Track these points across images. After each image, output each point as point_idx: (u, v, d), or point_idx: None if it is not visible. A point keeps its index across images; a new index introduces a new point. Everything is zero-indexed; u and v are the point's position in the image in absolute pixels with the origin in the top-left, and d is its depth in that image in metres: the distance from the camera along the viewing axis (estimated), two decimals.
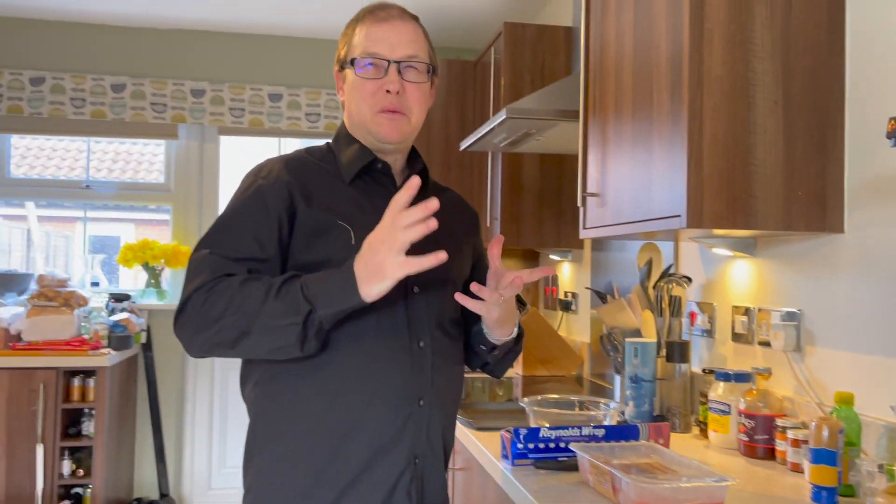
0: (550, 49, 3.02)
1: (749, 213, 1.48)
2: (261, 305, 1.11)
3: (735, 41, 1.48)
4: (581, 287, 3.00)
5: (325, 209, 1.24)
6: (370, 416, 1.21)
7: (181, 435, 4.00)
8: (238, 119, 4.01)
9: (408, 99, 1.29)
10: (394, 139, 1.29)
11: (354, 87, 1.30)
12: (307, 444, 1.21)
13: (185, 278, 1.19)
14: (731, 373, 1.74)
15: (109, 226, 4.32)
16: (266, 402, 1.26)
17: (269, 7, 3.66)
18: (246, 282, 1.14)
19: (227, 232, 1.22)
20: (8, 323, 3.27)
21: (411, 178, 1.07)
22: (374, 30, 1.29)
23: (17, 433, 3.19)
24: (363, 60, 1.28)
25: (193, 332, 1.15)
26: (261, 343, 1.13)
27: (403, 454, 1.23)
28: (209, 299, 1.13)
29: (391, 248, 1.05)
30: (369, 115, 1.29)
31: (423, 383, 1.26)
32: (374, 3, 1.33)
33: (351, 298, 1.09)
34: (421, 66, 1.30)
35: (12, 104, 3.81)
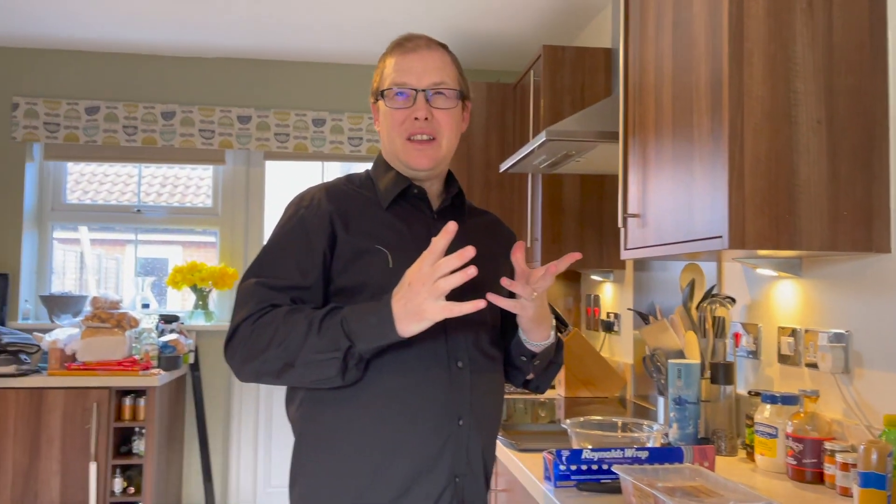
0: (590, 71, 3.04)
1: (793, 233, 1.47)
2: (303, 340, 1.15)
3: (776, 61, 1.48)
4: (623, 308, 2.98)
5: (363, 235, 1.28)
6: (411, 436, 1.23)
7: (227, 453, 4.07)
8: (283, 144, 4.10)
9: (437, 125, 1.32)
10: (424, 167, 1.33)
11: (386, 116, 1.35)
12: (350, 463, 1.24)
13: (234, 307, 1.25)
14: (778, 395, 1.72)
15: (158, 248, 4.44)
16: (309, 422, 1.29)
17: (312, 35, 3.76)
18: (289, 314, 1.18)
19: (271, 261, 1.27)
20: (63, 343, 3.38)
21: (449, 224, 1.10)
22: (401, 60, 1.33)
23: (71, 450, 3.28)
24: (392, 91, 1.33)
25: (241, 362, 1.21)
26: (304, 374, 1.18)
27: (444, 473, 1.25)
28: (255, 331, 1.19)
29: (431, 293, 1.08)
30: (400, 144, 1.33)
31: (463, 403, 1.27)
32: (402, 36, 1.37)
33: (388, 335, 1.13)
34: (449, 93, 1.33)
35: (69, 132, 3.97)
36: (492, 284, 1.38)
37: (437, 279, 1.08)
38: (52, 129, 3.96)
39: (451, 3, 3.32)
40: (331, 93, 4.20)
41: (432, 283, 1.08)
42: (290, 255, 1.27)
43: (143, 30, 3.71)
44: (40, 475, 3.27)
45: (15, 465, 3.26)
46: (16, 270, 3.93)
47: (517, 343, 1.38)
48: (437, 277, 1.08)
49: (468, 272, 1.08)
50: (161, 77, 4.10)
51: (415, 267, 1.12)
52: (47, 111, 3.96)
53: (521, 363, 1.41)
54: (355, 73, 4.22)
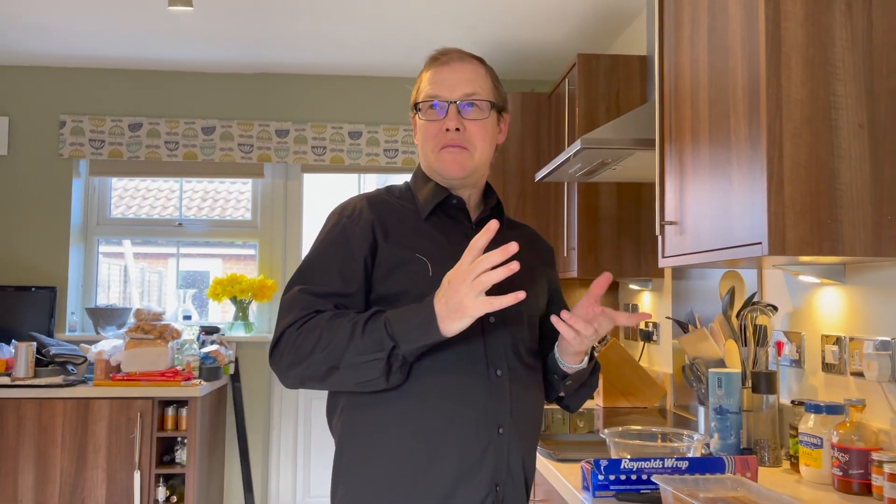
0: (625, 78, 3.02)
1: (835, 239, 1.44)
2: (348, 342, 1.17)
3: (814, 64, 1.46)
4: (662, 316, 2.95)
5: (403, 244, 1.30)
6: (451, 443, 1.24)
7: (267, 463, 4.11)
8: (320, 157, 4.16)
9: (469, 136, 1.34)
10: (457, 175, 1.35)
11: (420, 129, 1.38)
12: (391, 471, 1.24)
13: (278, 315, 1.27)
14: (823, 404, 1.68)
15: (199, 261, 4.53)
16: (350, 430, 1.30)
17: (348, 49, 3.81)
18: (333, 318, 1.20)
19: (315, 269, 1.30)
20: (108, 355, 3.46)
21: (490, 222, 1.11)
22: (435, 74, 1.36)
23: (116, 459, 3.35)
24: (426, 104, 1.36)
25: (287, 367, 1.23)
26: (348, 377, 1.19)
27: (485, 481, 1.25)
28: (300, 336, 1.21)
29: (472, 289, 1.08)
30: (433, 155, 1.36)
31: (502, 411, 1.28)
32: (437, 50, 1.40)
33: (432, 335, 1.14)
34: (481, 104, 1.35)
35: (113, 148, 4.08)
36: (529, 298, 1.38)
37: (478, 274, 1.08)
38: (97, 146, 4.07)
39: (485, 14, 3.34)
40: (366, 105, 4.25)
41: (473, 278, 1.08)
42: (332, 263, 1.29)
43: (183, 48, 3.80)
44: (87, 483, 3.34)
45: (63, 473, 3.34)
46: (63, 284, 4.04)
47: (552, 360, 1.39)
48: (479, 273, 1.08)
49: (511, 267, 1.08)
50: (201, 93, 4.19)
51: (454, 268, 1.12)
52: (92, 128, 4.08)
53: (554, 380, 1.41)
54: (391, 85, 4.26)
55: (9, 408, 3.34)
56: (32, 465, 3.33)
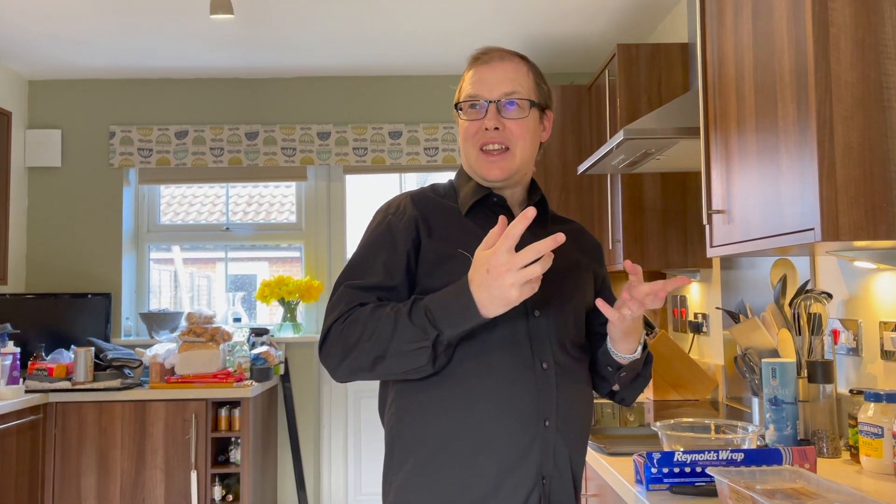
0: (666, 67, 2.98)
1: (891, 222, 1.40)
2: (392, 332, 1.19)
3: (864, 45, 1.42)
4: (712, 307, 2.90)
5: (446, 240, 1.31)
6: (498, 435, 1.25)
7: (319, 461, 4.17)
8: (361, 158, 4.19)
9: (509, 134, 1.34)
10: (497, 178, 1.35)
11: (462, 129, 1.39)
12: (439, 463, 1.26)
13: (326, 311, 1.30)
14: (883, 393, 1.64)
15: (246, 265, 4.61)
16: (399, 423, 1.32)
17: (386, 49, 3.83)
18: (375, 309, 1.23)
19: (360, 265, 1.32)
20: (163, 358, 3.55)
21: (527, 209, 1.09)
22: (476, 73, 1.36)
23: (173, 459, 3.44)
24: (466, 103, 1.36)
25: (336, 361, 1.25)
26: (396, 365, 1.21)
27: (531, 473, 1.26)
28: (345, 329, 1.23)
29: (517, 280, 1.08)
30: (474, 155, 1.36)
31: (548, 404, 1.28)
32: (478, 49, 1.39)
33: (473, 319, 1.15)
34: (522, 102, 1.34)
35: (161, 157, 4.18)
36: (574, 291, 1.37)
37: (522, 267, 1.08)
38: (145, 155, 4.18)
39: (522, 9, 3.33)
40: (405, 105, 4.27)
41: (517, 270, 1.08)
42: (377, 258, 1.31)
43: (225, 55, 3.87)
44: (146, 483, 3.43)
45: (123, 473, 3.44)
46: (117, 290, 4.15)
47: (604, 352, 1.38)
48: (523, 265, 1.08)
49: (549, 257, 1.08)
50: (243, 99, 4.26)
51: (489, 253, 1.11)
52: (140, 137, 4.18)
53: (608, 373, 1.40)
54: (429, 84, 4.27)
55: (70, 411, 3.45)
56: (95, 467, 3.44)
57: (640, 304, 1.23)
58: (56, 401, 3.45)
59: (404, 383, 1.30)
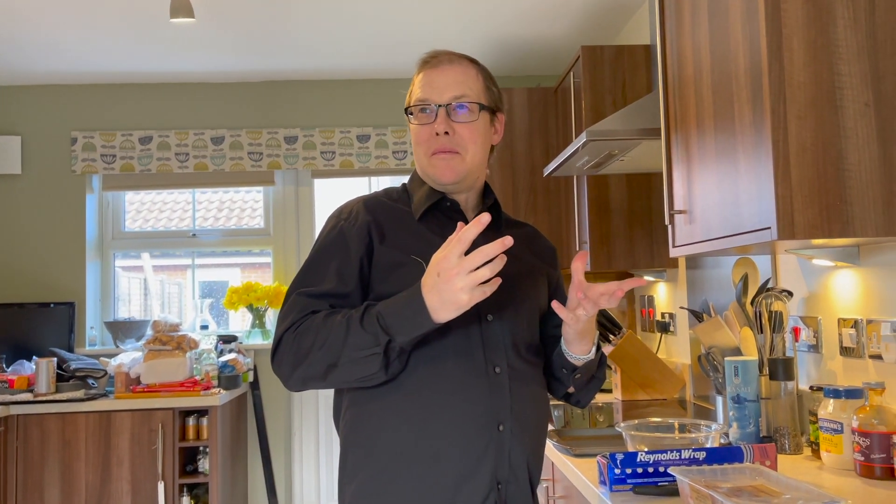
0: (630, 68, 3.00)
1: (845, 220, 1.42)
2: (344, 339, 1.18)
3: (817, 45, 1.44)
4: (678, 307, 2.92)
5: (399, 246, 1.31)
6: (452, 442, 1.24)
7: (290, 468, 4.13)
8: (329, 162, 4.17)
9: (459, 139, 1.33)
10: (448, 180, 1.34)
11: (413, 133, 1.38)
12: (394, 470, 1.25)
13: (277, 320, 1.28)
14: (842, 389, 1.66)
15: (217, 271, 4.56)
16: (353, 432, 1.30)
17: (351, 53, 3.81)
18: (328, 317, 1.21)
19: (312, 272, 1.31)
20: (128, 367, 3.49)
21: (481, 215, 1.08)
22: (424, 77, 1.36)
23: (140, 471, 3.38)
24: (415, 108, 1.35)
25: (288, 370, 1.23)
26: (348, 373, 1.20)
27: (486, 480, 1.25)
28: (297, 338, 1.22)
29: (468, 284, 1.07)
30: (425, 159, 1.35)
31: (502, 409, 1.27)
32: (427, 53, 1.39)
33: (425, 325, 1.14)
34: (472, 106, 1.33)
35: (125, 163, 4.11)
36: (528, 295, 1.37)
37: (472, 270, 1.07)
38: (108, 161, 4.11)
39: (487, 12, 3.33)
40: (373, 108, 4.25)
41: (467, 273, 1.07)
42: (330, 264, 1.29)
43: (188, 59, 3.83)
44: (112, 495, 3.37)
45: (88, 486, 3.37)
46: (81, 299, 4.08)
47: (559, 354, 1.38)
48: (473, 269, 1.07)
49: (502, 258, 1.07)
50: (209, 103, 4.21)
51: (440, 254, 1.11)
52: (103, 143, 4.12)
53: (563, 375, 1.40)
54: (396, 87, 4.26)
55: (32, 423, 3.38)
56: (58, 480, 3.37)
57: (594, 304, 1.22)
58: (18, 413, 3.37)
59: (358, 391, 1.29)
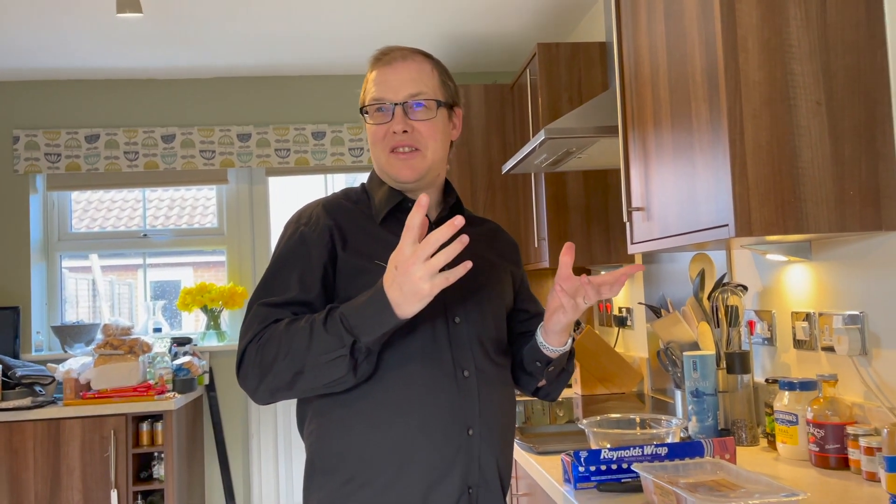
0: (586, 66, 3.02)
1: (800, 217, 1.45)
2: (307, 345, 1.14)
3: (770, 45, 1.46)
4: (635, 302, 2.96)
5: (361, 251, 1.28)
6: (421, 448, 1.23)
7: (248, 472, 4.06)
8: (284, 159, 4.10)
9: (419, 136, 1.31)
10: (408, 178, 1.32)
11: (369, 133, 1.35)
12: (362, 480, 1.23)
13: (241, 333, 1.24)
14: (796, 381, 1.69)
15: (169, 271, 4.45)
16: (319, 441, 1.28)
17: (306, 49, 3.76)
18: (290, 324, 1.18)
19: (273, 281, 1.27)
20: (77, 373, 3.39)
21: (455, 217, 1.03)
22: (379, 75, 1.32)
23: (92, 479, 3.29)
24: (372, 107, 1.32)
25: (255, 383, 1.20)
26: (315, 379, 1.16)
27: (456, 485, 1.24)
28: (261, 349, 1.18)
29: (426, 272, 1.04)
30: (384, 158, 1.32)
31: (471, 413, 1.26)
32: (380, 49, 1.36)
33: (390, 321, 1.10)
34: (429, 103, 1.31)
35: (70, 162, 3.98)
36: (493, 294, 1.36)
37: (427, 257, 1.04)
38: (53, 160, 3.98)
39: (443, 8, 3.31)
40: (328, 105, 4.20)
41: (424, 260, 1.04)
42: (292, 271, 1.26)
43: (135, 55, 3.72)
44: None
45: (37, 496, 3.26)
46: (26, 303, 3.94)
47: (533, 348, 1.36)
48: (429, 254, 1.04)
49: (462, 240, 1.04)
50: (158, 101, 4.11)
51: (396, 251, 1.08)
52: (47, 142, 3.98)
53: (535, 369, 1.38)
54: (351, 83, 4.22)
55: None
56: (6, 491, 3.25)
57: (597, 292, 1.22)
58: None
59: (323, 398, 1.27)
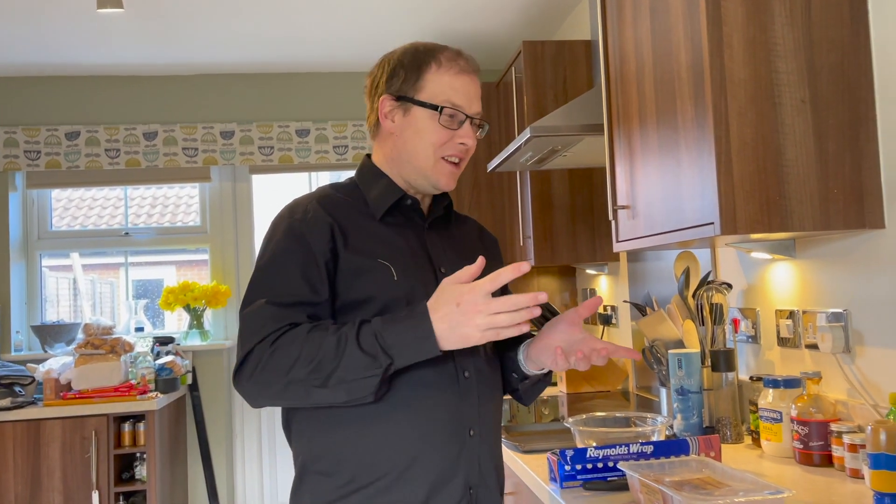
0: (571, 64, 3.02)
1: (784, 215, 1.45)
2: (337, 358, 1.10)
3: (756, 43, 1.46)
4: (620, 300, 2.96)
5: (363, 249, 1.23)
6: (425, 449, 1.20)
7: (232, 472, 4.03)
8: (268, 157, 4.07)
9: (468, 152, 1.34)
10: (449, 188, 1.34)
11: (426, 129, 1.29)
12: (363, 480, 1.19)
13: (243, 331, 1.17)
14: (780, 379, 1.70)
15: (152, 270, 4.41)
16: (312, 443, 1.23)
17: (290, 46, 3.73)
18: (313, 331, 1.13)
19: (275, 277, 1.21)
20: (58, 373, 3.34)
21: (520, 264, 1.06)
22: (457, 80, 1.30)
23: (72, 481, 3.25)
24: (447, 110, 1.29)
25: (261, 387, 1.13)
26: (336, 395, 1.12)
27: (459, 486, 1.22)
28: (275, 353, 1.12)
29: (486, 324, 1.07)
30: (432, 161, 1.29)
31: (472, 413, 1.25)
32: (449, 47, 1.33)
33: (431, 351, 1.10)
34: (483, 124, 1.35)
35: (50, 159, 3.93)
36: None
37: (495, 312, 1.06)
38: (32, 157, 3.92)
39: (428, 6, 3.30)
40: (313, 102, 4.17)
41: (489, 314, 1.06)
42: (294, 270, 1.19)
43: (117, 51, 3.68)
44: None
45: (17, 498, 3.22)
46: (6, 302, 3.88)
47: (513, 361, 1.37)
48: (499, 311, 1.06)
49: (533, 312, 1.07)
50: (140, 97, 4.06)
51: (466, 289, 1.08)
52: (27, 139, 3.92)
53: (512, 378, 1.40)
54: (336, 80, 4.19)
55: None
56: None
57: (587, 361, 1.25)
58: None
59: None
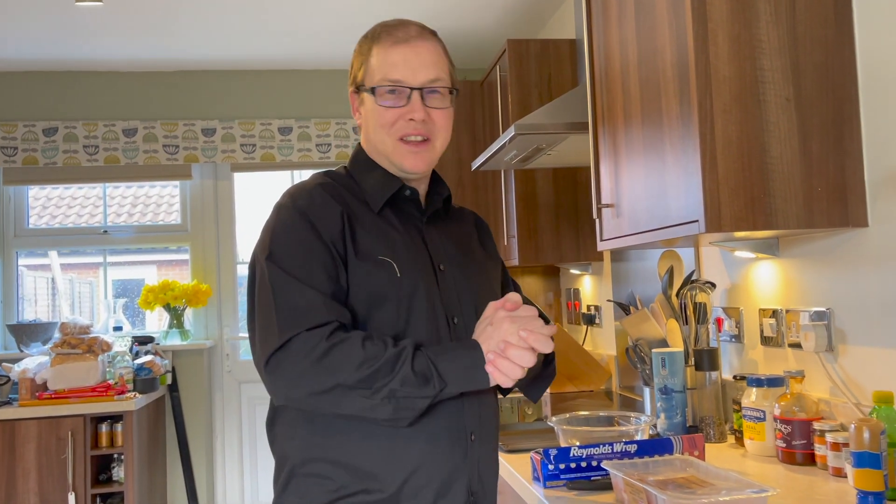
0: (556, 62, 3.01)
1: (769, 213, 1.45)
2: (392, 373, 1.06)
3: (741, 40, 1.46)
4: (603, 299, 2.96)
5: (367, 245, 1.18)
6: (429, 455, 1.16)
7: (212, 473, 3.99)
8: (250, 155, 4.03)
9: (433, 125, 1.22)
10: (419, 170, 1.24)
11: (374, 114, 1.22)
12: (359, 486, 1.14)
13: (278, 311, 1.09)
14: (764, 378, 1.70)
15: (132, 269, 4.35)
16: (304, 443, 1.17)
17: (273, 42, 3.70)
18: (367, 340, 1.08)
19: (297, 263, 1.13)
20: (33, 373, 3.29)
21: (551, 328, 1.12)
22: (393, 52, 1.20)
23: (48, 482, 3.19)
24: (383, 88, 1.20)
25: (297, 376, 1.07)
26: (381, 409, 1.08)
27: (461, 493, 1.19)
28: (333, 350, 1.06)
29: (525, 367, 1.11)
30: (391, 145, 1.22)
31: (473, 418, 1.22)
32: (390, 21, 1.24)
33: (480, 382, 1.12)
34: (444, 91, 1.23)
35: (27, 156, 3.87)
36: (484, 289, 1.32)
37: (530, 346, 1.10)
38: (9, 153, 3.86)
39: (412, 4, 3.28)
40: (295, 100, 4.14)
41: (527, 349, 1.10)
42: (314, 261, 1.13)
43: (96, 46, 3.62)
44: None
45: None
46: None
47: None
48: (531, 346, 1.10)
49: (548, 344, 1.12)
50: (119, 93, 4.01)
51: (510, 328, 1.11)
52: (3, 135, 3.86)
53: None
54: (319, 78, 4.16)
55: None
56: None
57: None
58: None
59: None
